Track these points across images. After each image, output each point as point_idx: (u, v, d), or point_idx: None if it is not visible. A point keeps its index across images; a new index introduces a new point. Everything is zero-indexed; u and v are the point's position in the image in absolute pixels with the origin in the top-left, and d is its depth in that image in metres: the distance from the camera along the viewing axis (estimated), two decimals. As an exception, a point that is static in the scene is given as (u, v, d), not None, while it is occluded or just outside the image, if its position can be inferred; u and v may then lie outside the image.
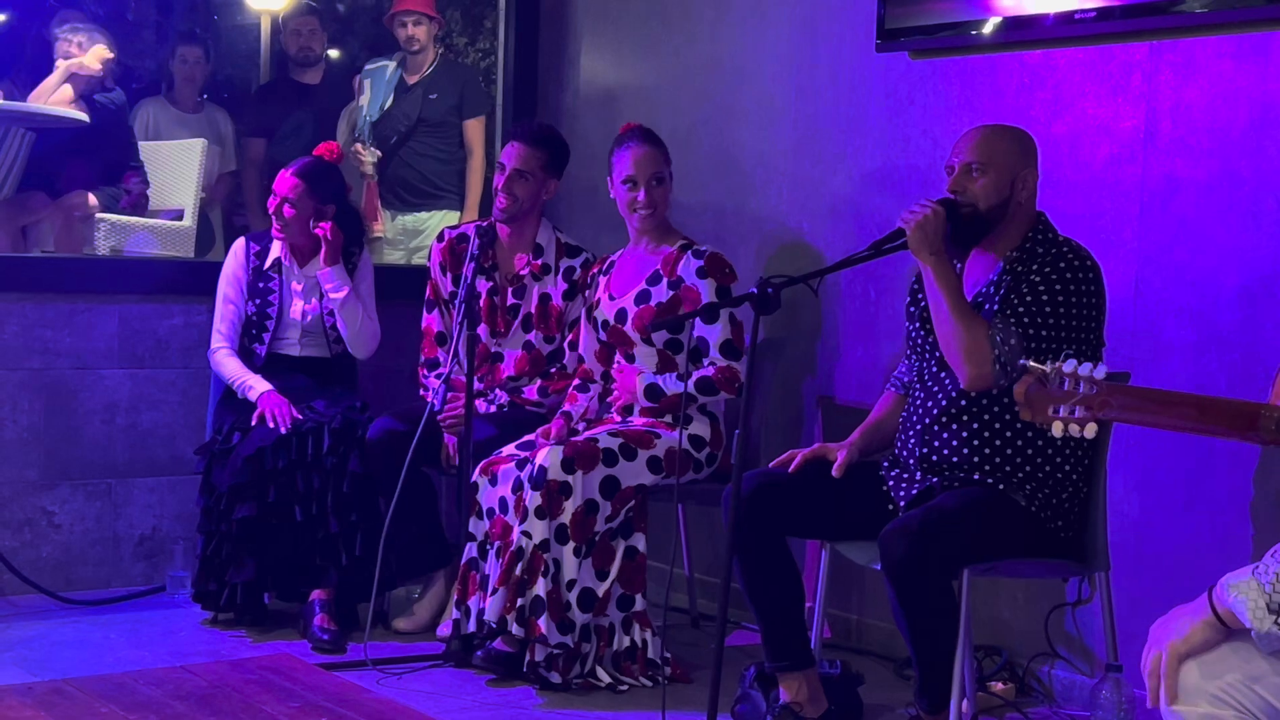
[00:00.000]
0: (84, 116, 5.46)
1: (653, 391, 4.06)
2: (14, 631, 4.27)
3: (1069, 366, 2.48)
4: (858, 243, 4.23)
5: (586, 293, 4.32)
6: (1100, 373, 2.47)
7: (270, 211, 4.51)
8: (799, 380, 4.58)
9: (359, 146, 5.94)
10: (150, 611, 4.56)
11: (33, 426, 4.64)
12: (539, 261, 4.48)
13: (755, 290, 3.20)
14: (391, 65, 5.96)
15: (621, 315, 4.13)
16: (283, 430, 4.27)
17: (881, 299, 4.35)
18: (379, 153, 5.91)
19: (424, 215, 5.90)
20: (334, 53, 6.93)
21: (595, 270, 4.31)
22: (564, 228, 5.28)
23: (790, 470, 3.48)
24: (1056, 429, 2.48)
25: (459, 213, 5.78)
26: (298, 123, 5.98)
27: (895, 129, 4.31)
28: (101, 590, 4.71)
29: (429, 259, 4.62)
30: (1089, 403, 2.47)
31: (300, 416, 4.32)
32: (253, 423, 4.32)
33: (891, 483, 3.43)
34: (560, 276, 4.48)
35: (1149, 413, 2.52)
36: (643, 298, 4.09)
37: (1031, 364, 2.52)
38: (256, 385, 4.41)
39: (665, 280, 4.07)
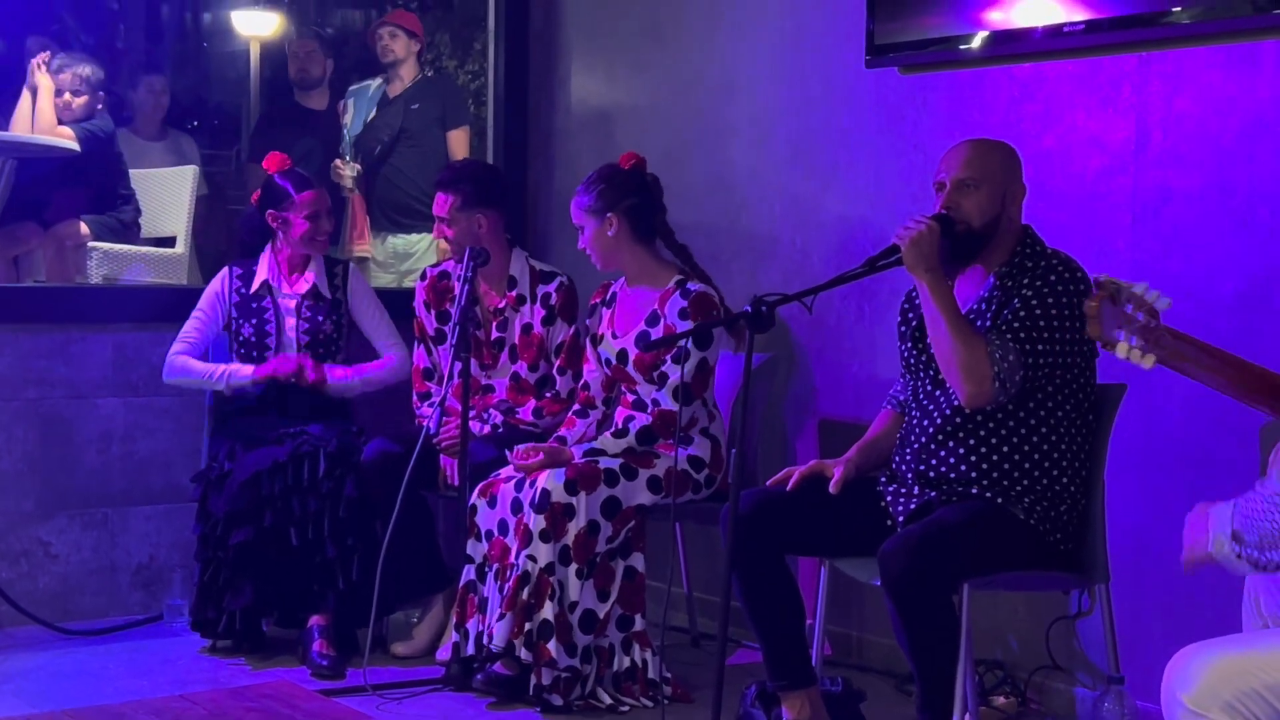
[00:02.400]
0: (74, 145, 5.46)
1: (593, 453, 4.03)
2: (12, 663, 4.26)
3: (1139, 288, 2.50)
4: (850, 258, 4.23)
5: (590, 321, 4.32)
6: (1163, 304, 2.50)
7: (315, 230, 4.51)
8: (794, 398, 4.58)
9: (339, 162, 5.94)
10: (148, 640, 4.55)
11: (28, 457, 4.63)
12: (513, 293, 4.49)
13: (749, 308, 3.20)
14: (375, 83, 5.99)
15: (623, 356, 4.14)
16: (311, 376, 4.40)
17: (876, 315, 4.35)
18: (359, 166, 5.93)
19: (414, 238, 5.89)
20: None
21: (597, 300, 4.31)
22: (556, 249, 5.30)
23: (788, 488, 3.48)
24: (1120, 350, 2.50)
25: None
26: (307, 148, 5.98)
27: (886, 144, 4.32)
28: (99, 620, 4.70)
29: (414, 297, 4.65)
30: (1147, 334, 2.49)
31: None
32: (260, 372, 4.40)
33: (890, 498, 3.43)
34: (538, 304, 4.48)
35: (1192, 361, 2.55)
36: (642, 339, 4.09)
37: (1105, 278, 2.54)
38: (241, 367, 4.47)
39: (663, 322, 4.07)
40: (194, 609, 4.38)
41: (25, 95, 5.50)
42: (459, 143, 5.85)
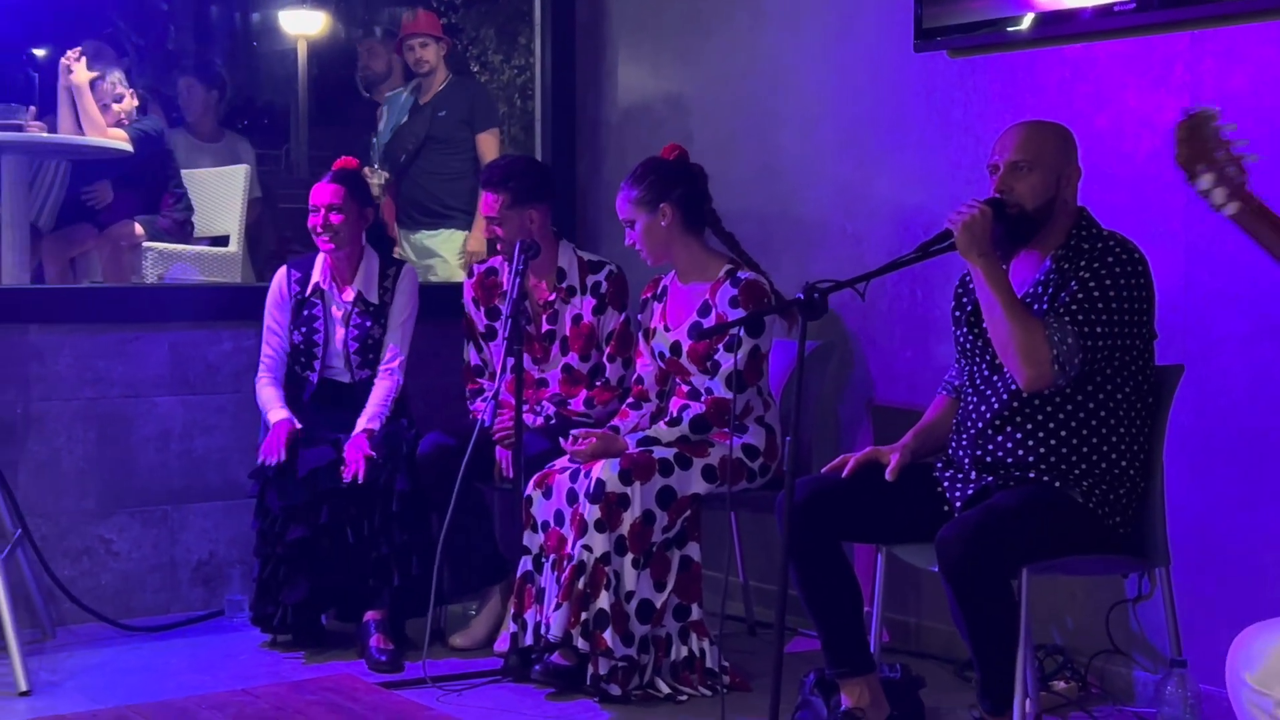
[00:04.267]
0: (128, 146, 5.50)
1: (647, 441, 4.03)
2: (76, 660, 4.31)
3: (1229, 134, 2.48)
4: (902, 244, 4.22)
5: (641, 316, 4.33)
6: (1251, 157, 2.48)
7: (314, 226, 4.48)
8: (848, 385, 4.57)
9: (367, 170, 5.92)
10: (209, 636, 4.59)
11: (88, 456, 4.68)
12: (564, 286, 4.50)
13: (801, 295, 3.20)
14: (407, 91, 5.99)
15: (676, 349, 4.15)
16: (270, 461, 4.27)
17: (929, 300, 4.34)
18: (386, 174, 5.93)
19: (434, 233, 5.89)
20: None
21: (648, 295, 4.32)
22: (606, 241, 5.31)
23: (843, 475, 3.47)
24: (1202, 183, 2.48)
25: (467, 232, 5.79)
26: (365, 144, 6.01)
27: (936, 128, 4.30)
28: (161, 616, 4.74)
29: (463, 295, 4.66)
30: (1234, 188, 2.47)
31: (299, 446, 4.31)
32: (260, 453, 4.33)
33: (946, 484, 3.42)
34: (588, 294, 4.49)
35: (1271, 228, 2.51)
36: (695, 330, 4.08)
37: (1200, 107, 2.50)
38: (273, 414, 4.44)
39: (714, 311, 4.07)
40: (254, 604, 4.41)
41: (62, 97, 5.51)
42: (489, 146, 5.80)
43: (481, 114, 5.87)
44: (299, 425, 4.39)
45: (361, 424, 4.42)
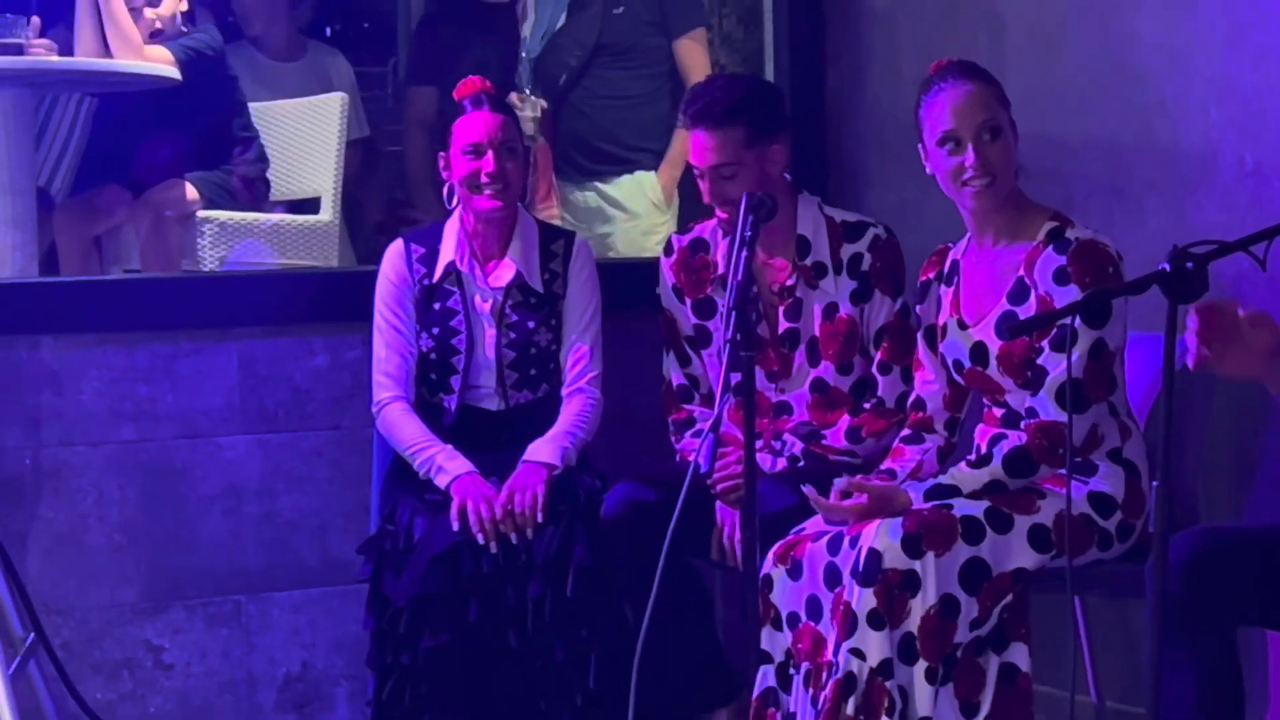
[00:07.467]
0: (173, 72, 5.59)
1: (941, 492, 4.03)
2: (118, 822, 4.46)
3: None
4: (1332, 183, 4.17)
5: (921, 307, 4.32)
6: None
7: (475, 175, 4.54)
8: (1248, 401, 4.51)
9: (515, 97, 5.90)
10: (306, 786, 4.73)
11: (127, 525, 4.82)
12: (808, 262, 4.51)
13: (1167, 265, 3.16)
14: None
15: (980, 353, 4.13)
16: (492, 548, 4.32)
17: (1372, 268, 4.27)
18: (543, 103, 5.94)
19: (606, 186, 5.96)
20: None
21: (928, 275, 4.31)
22: (869, 191, 5.29)
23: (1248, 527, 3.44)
24: None
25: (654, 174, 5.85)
26: (479, 59, 6.03)
27: (1382, 5, 4.24)
28: (236, 758, 4.90)
29: (659, 281, 4.71)
30: None
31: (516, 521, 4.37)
32: (454, 524, 4.36)
33: None
34: (844, 273, 4.50)
35: None
36: (1007, 322, 4.04)
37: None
38: (448, 467, 4.47)
39: (1034, 294, 4.04)
40: (370, 738, 4.51)
41: (81, 5, 5.59)
42: (694, 55, 5.86)
43: (678, 10, 5.88)
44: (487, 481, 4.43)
45: (539, 454, 4.49)
